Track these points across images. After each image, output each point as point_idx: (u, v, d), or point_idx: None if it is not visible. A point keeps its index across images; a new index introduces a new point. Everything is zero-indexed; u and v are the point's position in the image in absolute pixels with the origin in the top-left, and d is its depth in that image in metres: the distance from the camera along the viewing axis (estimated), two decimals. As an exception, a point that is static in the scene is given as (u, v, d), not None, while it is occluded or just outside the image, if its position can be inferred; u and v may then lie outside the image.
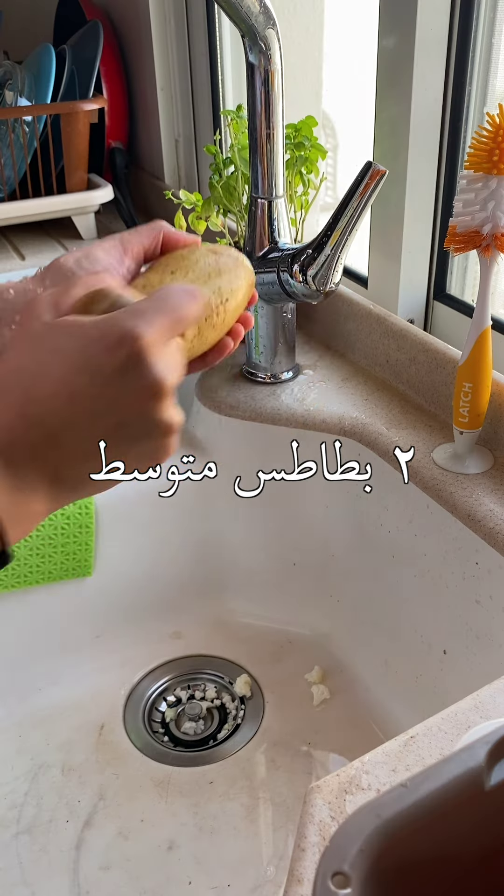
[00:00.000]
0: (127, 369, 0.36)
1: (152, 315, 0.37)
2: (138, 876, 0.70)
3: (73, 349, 0.36)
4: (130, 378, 0.36)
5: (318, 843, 0.37)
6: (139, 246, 0.46)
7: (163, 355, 0.37)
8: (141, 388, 0.36)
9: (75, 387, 0.36)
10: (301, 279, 0.75)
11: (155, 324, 0.37)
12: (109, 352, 0.36)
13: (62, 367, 0.36)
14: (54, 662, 0.88)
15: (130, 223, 1.26)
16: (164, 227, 0.47)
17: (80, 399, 0.36)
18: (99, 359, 0.36)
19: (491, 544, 0.63)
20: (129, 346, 0.36)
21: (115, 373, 0.36)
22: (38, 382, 0.36)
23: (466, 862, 0.33)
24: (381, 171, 0.67)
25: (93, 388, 0.36)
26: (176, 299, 0.38)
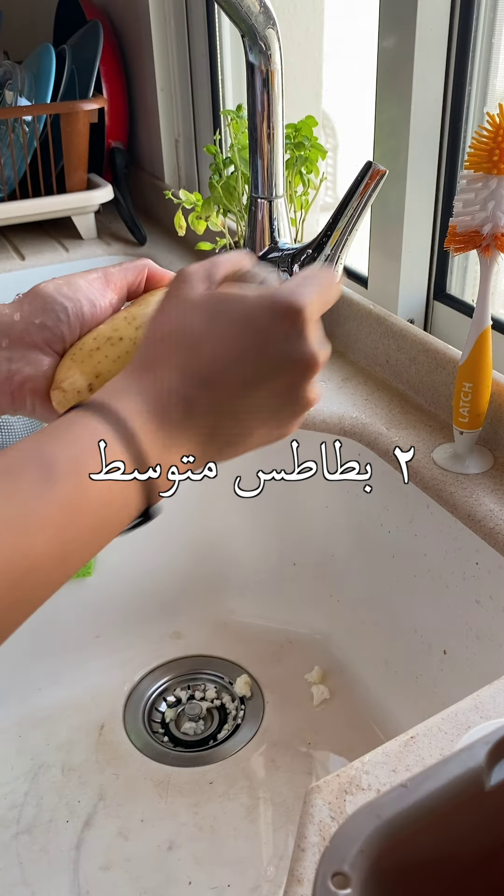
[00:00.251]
0: (290, 338, 0.38)
1: (311, 291, 0.38)
2: (138, 876, 0.70)
3: (240, 315, 0.38)
4: (292, 348, 0.38)
5: (318, 843, 0.37)
6: (123, 280, 0.46)
7: (317, 331, 0.39)
8: (299, 359, 0.38)
9: (240, 351, 0.37)
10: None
11: (314, 299, 0.38)
12: (276, 320, 0.37)
13: (229, 330, 0.37)
14: (54, 662, 0.88)
15: (130, 223, 1.26)
16: (150, 265, 0.48)
17: (243, 363, 0.37)
18: (265, 325, 0.37)
19: (491, 544, 0.63)
20: (293, 316, 0.37)
21: (280, 340, 0.37)
22: (204, 342, 0.37)
23: (466, 862, 0.33)
24: (381, 171, 0.67)
25: (257, 353, 0.37)
26: (325, 278, 0.40)
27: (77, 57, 1.25)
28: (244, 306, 0.38)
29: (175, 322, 0.39)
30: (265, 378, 0.38)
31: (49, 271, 1.22)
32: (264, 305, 0.38)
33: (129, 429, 0.36)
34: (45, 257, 1.23)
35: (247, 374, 0.38)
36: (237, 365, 0.37)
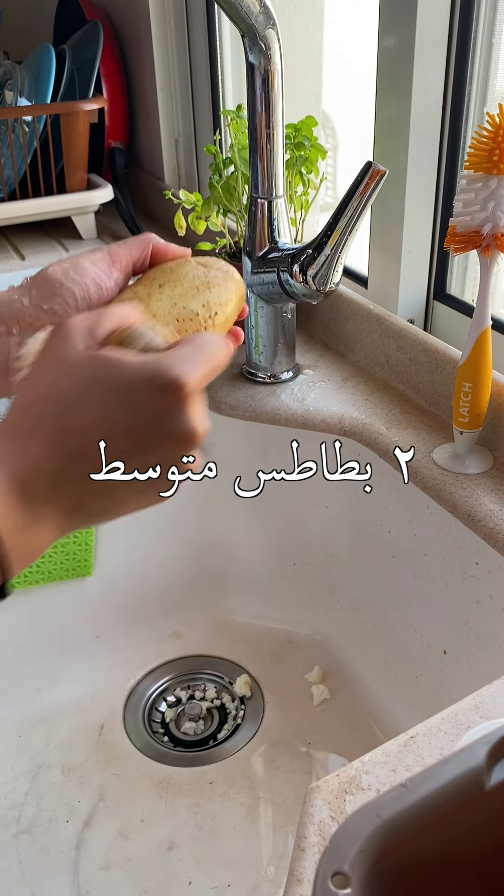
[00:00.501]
0: (168, 414, 0.36)
1: (196, 363, 0.37)
2: (138, 876, 0.70)
3: (117, 385, 0.36)
4: (170, 424, 0.37)
5: (318, 843, 0.37)
6: (128, 258, 0.46)
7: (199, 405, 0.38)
8: (177, 434, 0.37)
9: (114, 423, 0.36)
10: (301, 279, 0.75)
11: (198, 373, 0.37)
12: (154, 395, 0.36)
13: (105, 400, 0.36)
14: (54, 662, 0.88)
15: (130, 223, 1.26)
16: (154, 240, 0.47)
17: (117, 437, 0.36)
18: (143, 399, 0.36)
19: (491, 544, 0.63)
20: (174, 392, 0.36)
21: (157, 416, 0.36)
22: (76, 413, 0.36)
23: (467, 862, 0.33)
24: (381, 171, 0.67)
25: (131, 427, 0.36)
26: (212, 348, 0.39)
27: (77, 57, 1.25)
28: (123, 375, 0.36)
29: (49, 385, 0.37)
30: (138, 454, 0.37)
31: (49, 271, 1.22)
32: (144, 377, 0.36)
33: None
34: (45, 257, 1.23)
35: (119, 447, 0.36)
36: (110, 438, 0.36)
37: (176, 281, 0.45)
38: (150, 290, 0.44)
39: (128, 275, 0.46)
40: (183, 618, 0.94)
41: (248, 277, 0.81)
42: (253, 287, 0.81)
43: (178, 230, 0.94)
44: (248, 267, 0.81)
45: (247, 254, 0.80)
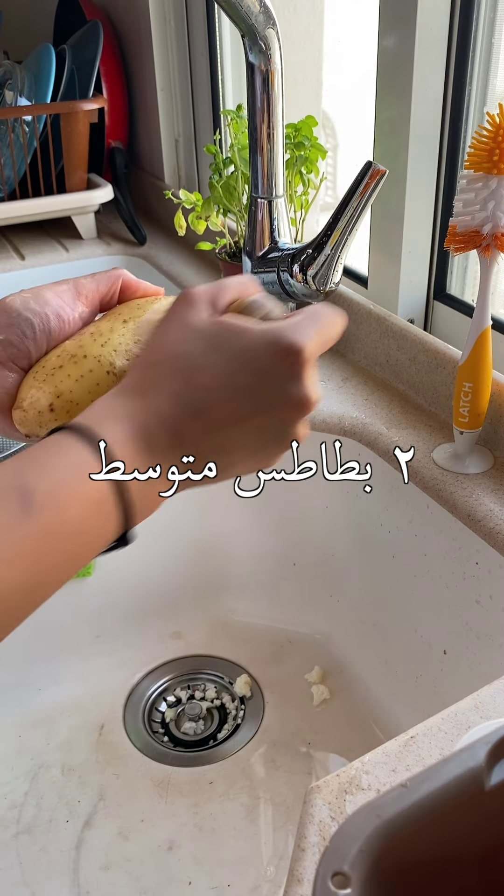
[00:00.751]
0: (287, 379, 0.38)
1: (313, 332, 0.39)
2: (138, 876, 0.70)
3: (241, 348, 0.38)
4: (288, 388, 0.38)
5: (318, 843, 0.37)
6: (95, 292, 0.45)
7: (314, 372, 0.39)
8: (294, 399, 0.38)
9: (238, 383, 0.37)
10: (301, 279, 0.75)
11: (315, 340, 0.39)
12: (276, 359, 0.37)
13: (229, 363, 0.37)
14: (54, 662, 0.88)
15: (130, 223, 1.26)
16: (124, 275, 0.46)
17: (237, 399, 0.38)
18: (265, 362, 0.37)
19: (491, 544, 0.63)
20: (293, 357, 0.38)
21: (277, 380, 0.38)
22: (201, 372, 0.37)
23: (467, 862, 0.33)
24: (381, 170, 0.67)
25: (252, 391, 0.38)
26: (328, 318, 0.40)
27: (77, 57, 1.25)
28: (246, 341, 0.38)
29: (174, 347, 0.38)
30: (256, 415, 0.38)
31: (49, 271, 1.23)
32: (266, 342, 0.37)
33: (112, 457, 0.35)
34: (45, 257, 1.23)
35: (239, 409, 0.38)
36: (231, 400, 0.37)
37: (141, 317, 0.44)
38: (114, 324, 0.43)
39: (94, 309, 0.46)
40: (183, 618, 0.94)
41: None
42: (253, 287, 0.81)
43: (178, 230, 0.94)
44: (248, 267, 0.81)
45: (247, 254, 0.80)
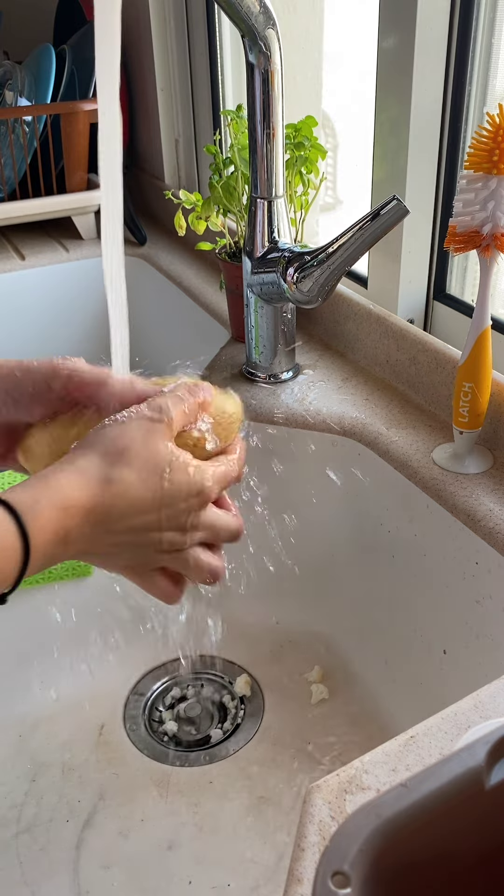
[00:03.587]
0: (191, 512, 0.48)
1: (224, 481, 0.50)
2: (138, 876, 0.70)
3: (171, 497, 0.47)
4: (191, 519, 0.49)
5: (318, 842, 0.37)
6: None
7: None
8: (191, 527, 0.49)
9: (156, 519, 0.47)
10: (295, 289, 0.75)
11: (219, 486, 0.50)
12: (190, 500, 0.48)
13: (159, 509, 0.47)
14: (54, 662, 0.88)
15: (130, 223, 1.26)
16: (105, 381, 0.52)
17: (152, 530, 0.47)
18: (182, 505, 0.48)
19: (491, 544, 0.63)
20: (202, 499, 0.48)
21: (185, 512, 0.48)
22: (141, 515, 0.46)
23: (466, 861, 0.33)
24: (405, 210, 0.67)
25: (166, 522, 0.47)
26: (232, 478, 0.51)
27: (77, 57, 1.25)
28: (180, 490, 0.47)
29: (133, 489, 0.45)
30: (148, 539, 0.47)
31: (49, 271, 1.23)
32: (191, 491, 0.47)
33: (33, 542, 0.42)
34: (45, 257, 1.23)
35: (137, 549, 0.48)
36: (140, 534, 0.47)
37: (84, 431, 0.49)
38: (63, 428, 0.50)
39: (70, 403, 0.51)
40: (183, 618, 0.93)
41: (248, 277, 0.81)
42: (253, 287, 0.81)
43: (178, 230, 0.94)
44: (248, 267, 0.81)
45: (247, 254, 0.80)
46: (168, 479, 0.46)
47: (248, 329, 0.85)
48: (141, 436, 0.46)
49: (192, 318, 1.10)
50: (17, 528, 0.41)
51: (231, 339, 0.97)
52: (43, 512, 0.42)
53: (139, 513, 0.46)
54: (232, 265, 0.90)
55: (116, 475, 0.45)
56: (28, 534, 0.42)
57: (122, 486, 0.45)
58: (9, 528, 0.41)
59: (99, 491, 0.44)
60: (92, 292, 1.25)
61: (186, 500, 0.47)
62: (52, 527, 0.43)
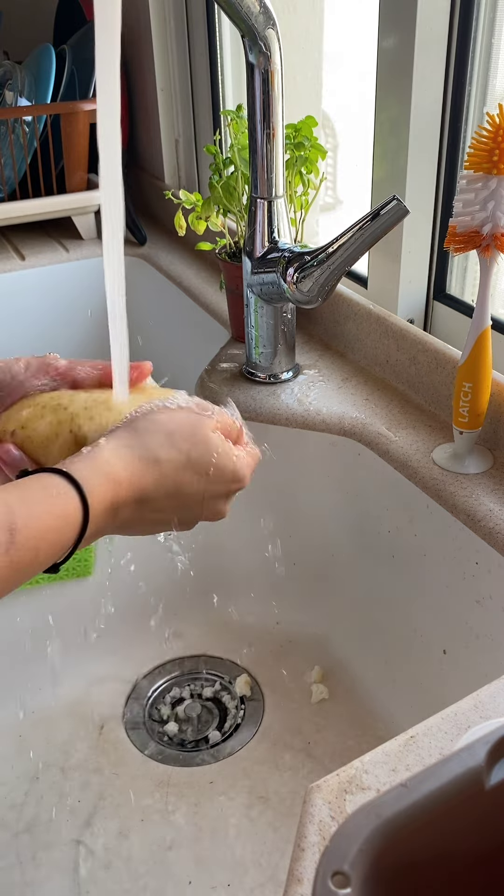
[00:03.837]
0: (227, 496, 0.52)
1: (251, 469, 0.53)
2: (138, 876, 0.70)
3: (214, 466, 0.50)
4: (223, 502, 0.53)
5: (318, 842, 0.37)
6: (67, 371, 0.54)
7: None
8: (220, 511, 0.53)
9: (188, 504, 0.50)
10: (295, 289, 0.75)
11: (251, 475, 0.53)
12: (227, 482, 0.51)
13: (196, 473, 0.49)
14: (54, 662, 0.88)
15: (130, 223, 1.26)
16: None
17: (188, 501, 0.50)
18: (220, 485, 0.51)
19: (491, 544, 0.63)
20: (238, 486, 0.52)
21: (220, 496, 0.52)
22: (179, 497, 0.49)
23: (466, 861, 0.33)
24: (404, 210, 0.67)
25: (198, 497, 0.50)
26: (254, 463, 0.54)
27: (77, 57, 1.25)
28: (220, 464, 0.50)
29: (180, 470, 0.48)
30: (191, 510, 0.51)
31: (49, 271, 1.23)
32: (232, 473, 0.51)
33: (91, 513, 0.44)
34: (45, 257, 1.23)
35: (181, 507, 0.50)
36: (181, 509, 0.50)
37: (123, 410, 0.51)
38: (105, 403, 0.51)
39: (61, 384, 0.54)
40: (183, 618, 0.94)
41: (248, 277, 0.81)
42: (253, 287, 0.81)
43: (179, 230, 0.94)
44: (248, 267, 0.81)
45: (247, 254, 0.80)
46: (214, 463, 0.49)
47: (248, 329, 0.85)
48: (189, 423, 0.49)
49: (192, 318, 1.10)
50: (79, 498, 0.43)
51: (231, 339, 0.97)
52: (101, 485, 0.45)
53: (184, 497, 0.49)
54: (232, 265, 0.90)
55: (164, 455, 0.47)
56: (88, 504, 0.44)
57: (169, 467, 0.47)
58: (73, 499, 0.43)
59: (148, 468, 0.47)
60: (92, 292, 1.25)
61: (228, 484, 0.50)
62: (108, 498, 0.45)
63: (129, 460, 0.46)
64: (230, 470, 0.50)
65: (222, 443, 0.50)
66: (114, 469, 0.45)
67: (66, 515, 0.43)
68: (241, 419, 0.54)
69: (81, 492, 0.43)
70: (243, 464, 0.51)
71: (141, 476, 0.46)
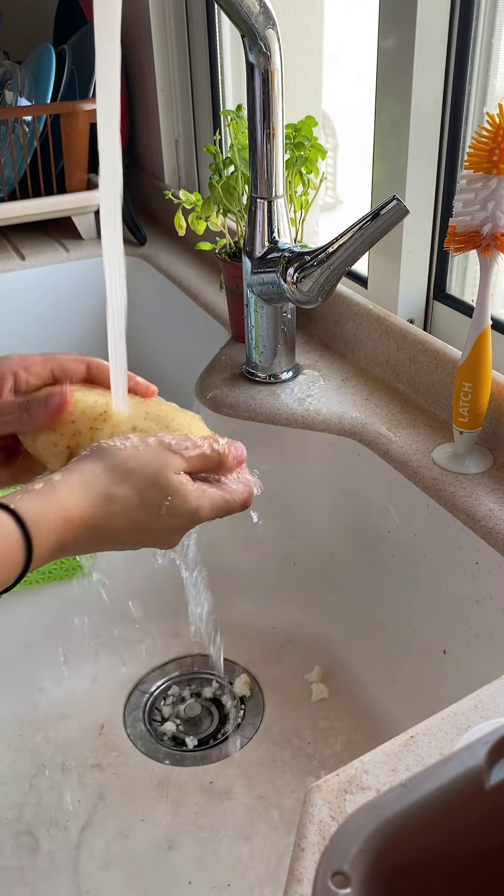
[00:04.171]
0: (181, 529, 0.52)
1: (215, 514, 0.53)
2: (138, 876, 0.70)
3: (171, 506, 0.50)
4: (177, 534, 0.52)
5: (318, 842, 0.37)
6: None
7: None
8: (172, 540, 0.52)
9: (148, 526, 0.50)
10: (295, 289, 0.75)
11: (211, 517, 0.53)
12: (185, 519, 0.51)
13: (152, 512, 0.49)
14: (54, 662, 0.88)
15: (131, 223, 1.26)
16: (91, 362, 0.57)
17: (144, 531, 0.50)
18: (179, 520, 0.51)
19: (491, 544, 0.63)
20: (195, 522, 0.52)
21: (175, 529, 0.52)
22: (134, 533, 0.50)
23: (467, 861, 0.33)
24: (404, 210, 0.67)
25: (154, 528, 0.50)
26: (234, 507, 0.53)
27: (77, 57, 1.25)
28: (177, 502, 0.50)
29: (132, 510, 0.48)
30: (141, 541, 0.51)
31: (49, 271, 1.23)
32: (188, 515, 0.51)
33: (35, 551, 0.44)
34: (45, 257, 1.23)
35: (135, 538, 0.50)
36: (131, 542, 0.50)
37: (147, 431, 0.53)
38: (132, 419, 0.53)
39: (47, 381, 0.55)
40: (183, 618, 0.93)
41: (248, 277, 0.81)
42: (253, 287, 0.81)
43: (179, 230, 0.94)
44: (248, 267, 0.81)
45: (247, 254, 0.80)
46: (167, 505, 0.49)
47: (248, 329, 0.85)
48: (154, 462, 0.49)
49: (192, 318, 1.10)
50: (23, 539, 0.44)
51: (231, 339, 0.97)
52: (48, 525, 0.45)
53: (134, 532, 0.49)
54: (232, 265, 0.90)
55: (119, 494, 0.47)
56: (32, 544, 0.44)
57: (122, 506, 0.47)
58: (17, 539, 0.44)
59: (100, 508, 0.47)
60: (92, 292, 1.25)
61: (177, 518, 0.50)
62: (54, 538, 0.45)
63: (84, 499, 0.46)
64: (186, 510, 0.50)
65: (181, 485, 0.49)
66: (66, 508, 0.46)
67: (9, 554, 0.43)
68: (238, 449, 0.53)
69: (27, 532, 0.44)
70: (201, 502, 0.51)
71: (93, 515, 0.47)
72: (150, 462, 0.49)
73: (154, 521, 0.49)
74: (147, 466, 0.48)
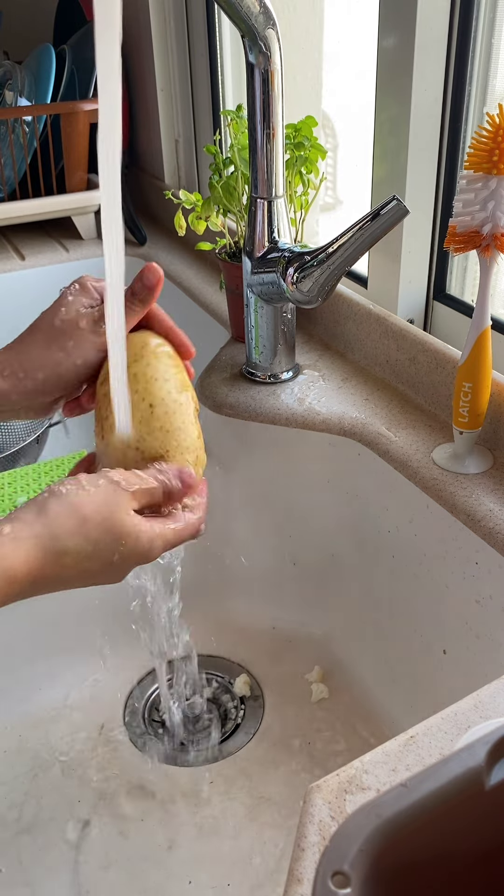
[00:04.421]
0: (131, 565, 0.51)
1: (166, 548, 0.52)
2: (138, 876, 0.70)
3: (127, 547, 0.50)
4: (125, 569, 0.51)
5: (318, 842, 0.37)
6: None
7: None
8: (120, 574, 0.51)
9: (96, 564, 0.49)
10: (295, 289, 0.75)
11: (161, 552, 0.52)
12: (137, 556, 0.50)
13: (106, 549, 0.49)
14: (54, 662, 0.88)
15: (130, 223, 1.26)
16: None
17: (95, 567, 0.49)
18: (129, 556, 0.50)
19: (491, 544, 0.63)
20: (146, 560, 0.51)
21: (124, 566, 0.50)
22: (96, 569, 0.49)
23: (467, 861, 0.33)
24: (404, 210, 0.67)
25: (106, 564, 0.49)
26: (184, 537, 0.53)
27: (77, 57, 1.25)
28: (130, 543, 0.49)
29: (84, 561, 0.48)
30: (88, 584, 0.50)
31: (49, 271, 1.23)
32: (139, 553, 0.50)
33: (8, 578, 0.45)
34: (45, 257, 1.23)
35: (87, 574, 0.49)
36: (78, 585, 0.49)
37: None
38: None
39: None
40: (183, 617, 0.93)
41: (248, 277, 0.81)
42: (253, 287, 0.81)
43: (179, 230, 0.94)
44: (248, 267, 0.81)
45: (247, 254, 0.80)
46: (120, 551, 0.49)
47: (248, 329, 0.85)
48: (106, 506, 0.48)
49: (192, 318, 1.10)
50: None
51: (231, 339, 0.97)
52: None
53: (82, 579, 0.49)
54: (232, 265, 0.90)
55: (72, 546, 0.47)
56: None
57: (73, 559, 0.47)
58: None
59: (50, 563, 0.46)
60: (92, 292, 1.25)
61: (128, 561, 0.50)
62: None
63: (33, 554, 0.45)
64: (139, 552, 0.49)
65: (134, 527, 0.49)
66: (12, 565, 0.45)
67: None
68: (186, 476, 0.53)
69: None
70: (154, 544, 0.50)
71: (41, 568, 0.46)
72: (103, 505, 0.48)
73: (104, 567, 0.49)
74: (100, 512, 0.48)
